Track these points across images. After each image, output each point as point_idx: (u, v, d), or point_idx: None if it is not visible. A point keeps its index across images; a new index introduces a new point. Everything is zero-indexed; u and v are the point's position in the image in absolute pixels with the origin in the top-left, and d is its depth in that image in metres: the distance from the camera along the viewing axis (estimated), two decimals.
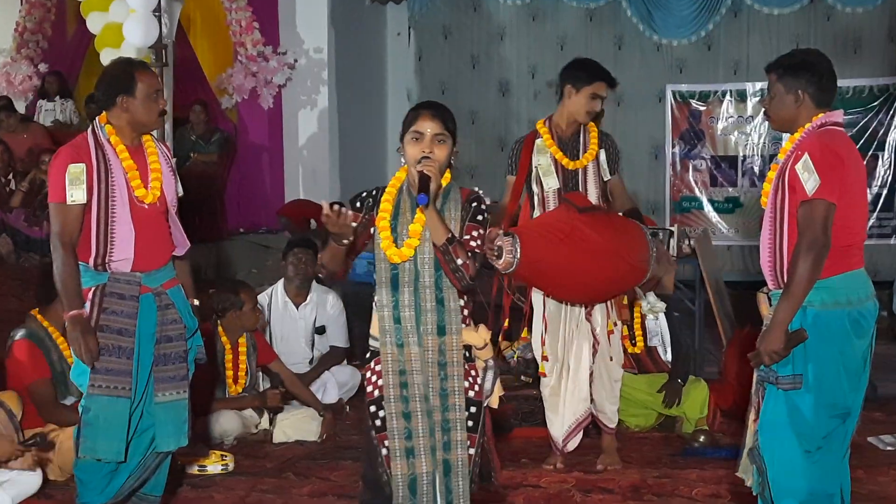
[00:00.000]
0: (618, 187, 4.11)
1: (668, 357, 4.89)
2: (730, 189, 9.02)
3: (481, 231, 2.76)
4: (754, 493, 2.87)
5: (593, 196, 4.01)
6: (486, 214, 2.77)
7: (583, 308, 4.02)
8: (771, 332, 2.70)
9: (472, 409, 2.76)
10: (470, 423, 2.75)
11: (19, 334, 4.04)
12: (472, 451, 2.74)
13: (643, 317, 4.84)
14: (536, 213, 4.03)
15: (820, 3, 8.81)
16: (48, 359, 4.02)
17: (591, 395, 4.11)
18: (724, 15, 8.93)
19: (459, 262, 2.66)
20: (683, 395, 4.66)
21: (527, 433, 4.58)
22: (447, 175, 2.78)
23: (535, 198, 4.06)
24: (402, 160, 2.79)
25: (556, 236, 3.53)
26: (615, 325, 4.08)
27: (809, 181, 2.65)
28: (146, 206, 3.18)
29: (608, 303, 4.03)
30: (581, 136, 4.05)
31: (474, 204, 2.78)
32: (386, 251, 2.72)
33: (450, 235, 2.67)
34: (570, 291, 3.81)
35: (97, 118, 3.24)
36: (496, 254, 3.39)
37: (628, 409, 4.67)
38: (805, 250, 2.64)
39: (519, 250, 3.39)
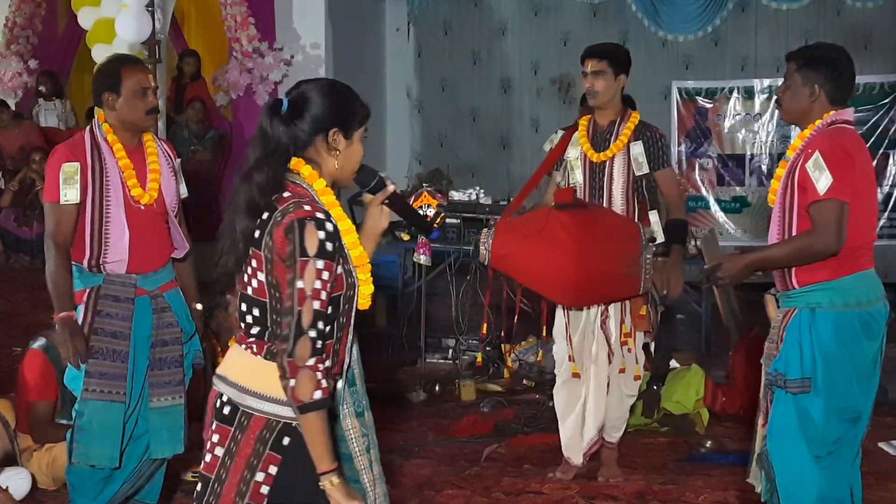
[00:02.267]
0: (666, 183, 3.75)
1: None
2: (737, 188, 8.91)
3: None
4: (762, 500, 2.83)
5: (618, 190, 3.75)
6: None
7: (598, 314, 3.82)
8: (736, 265, 2.76)
9: None
10: None
11: (38, 343, 3.84)
12: None
13: None
14: None
15: None
16: (59, 378, 3.82)
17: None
18: (731, 10, 8.82)
19: None
20: (678, 383, 4.62)
21: (529, 440, 4.52)
22: None
23: None
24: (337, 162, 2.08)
25: (528, 231, 3.48)
26: (628, 334, 3.82)
27: (821, 180, 2.61)
28: (142, 207, 3.15)
29: (623, 311, 3.80)
30: (616, 126, 3.79)
31: None
32: (368, 294, 2.05)
33: None
34: (546, 289, 3.62)
35: (96, 116, 3.22)
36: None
37: None
38: (810, 243, 2.62)
39: (490, 243, 3.42)
